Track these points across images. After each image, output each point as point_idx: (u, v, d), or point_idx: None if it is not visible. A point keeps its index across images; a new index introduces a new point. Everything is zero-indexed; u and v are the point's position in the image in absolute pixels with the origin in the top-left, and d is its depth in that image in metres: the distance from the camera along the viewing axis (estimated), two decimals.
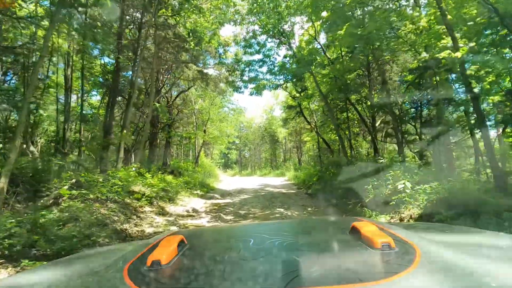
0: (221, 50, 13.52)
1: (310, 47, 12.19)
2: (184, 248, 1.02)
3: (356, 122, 15.42)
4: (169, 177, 12.28)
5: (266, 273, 0.79)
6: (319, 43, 12.22)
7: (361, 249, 0.91)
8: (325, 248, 1.05)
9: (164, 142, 22.64)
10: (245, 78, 12.84)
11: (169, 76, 15.13)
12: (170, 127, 15.32)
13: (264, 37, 12.53)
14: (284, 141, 31.89)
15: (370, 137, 16.57)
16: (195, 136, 18.81)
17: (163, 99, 15.16)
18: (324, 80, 11.58)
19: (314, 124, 14.25)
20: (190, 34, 11.15)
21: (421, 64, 8.78)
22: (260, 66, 12.36)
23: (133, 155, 11.64)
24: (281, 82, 11.39)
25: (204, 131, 19.02)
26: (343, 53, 12.01)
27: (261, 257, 0.93)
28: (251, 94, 12.79)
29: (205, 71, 15.18)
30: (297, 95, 14.68)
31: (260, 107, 36.01)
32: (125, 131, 9.24)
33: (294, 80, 11.15)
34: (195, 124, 19.23)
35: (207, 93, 17.51)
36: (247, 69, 12.62)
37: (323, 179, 10.96)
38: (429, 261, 0.80)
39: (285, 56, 11.64)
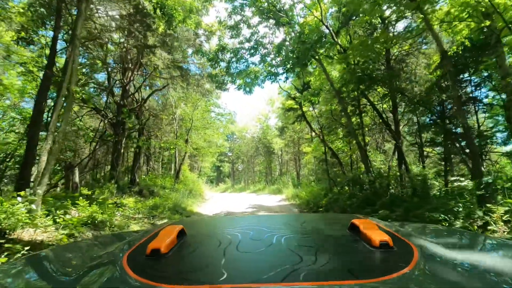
0: (202, 38, 10.68)
1: (315, 35, 9.47)
2: (183, 238, 1.03)
3: (366, 129, 12.63)
4: (131, 200, 9.21)
5: (263, 266, 0.79)
6: (327, 27, 9.50)
7: (360, 246, 0.90)
8: (324, 244, 1.02)
9: (143, 155, 19.57)
10: (232, 71, 9.99)
11: (139, 72, 12.27)
12: (140, 135, 12.28)
13: (256, 19, 9.78)
14: (280, 152, 28.92)
15: (384, 147, 13.81)
16: (175, 146, 15.77)
17: (132, 100, 12.20)
18: (337, 69, 8.78)
19: (319, 130, 11.37)
20: (157, 9, 8.32)
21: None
22: (252, 55, 9.56)
23: (77, 172, 8.56)
24: (280, 71, 8.55)
25: (186, 141, 15.99)
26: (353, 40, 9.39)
27: (259, 250, 0.92)
28: (238, 88, 9.94)
29: (184, 66, 12.37)
30: (298, 95, 11.85)
31: (254, 114, 33.16)
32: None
33: (297, 69, 8.35)
34: (176, 132, 16.22)
35: (189, 94, 14.61)
36: (234, 59, 9.79)
37: (337, 202, 8.00)
38: (427, 261, 0.79)
39: (284, 40, 8.78)
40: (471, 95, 7.99)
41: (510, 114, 5.91)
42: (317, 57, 8.30)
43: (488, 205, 3.54)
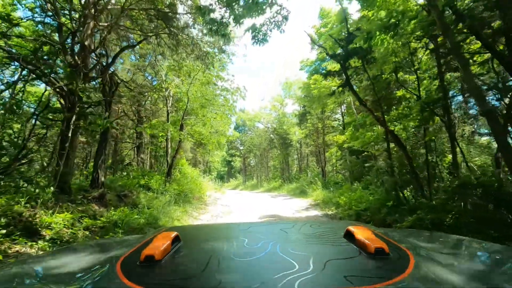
0: None
1: None
2: (178, 245, 1.01)
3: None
4: (63, 217, 5.34)
5: (259, 273, 0.78)
6: None
7: (355, 253, 0.89)
8: (319, 251, 0.98)
9: (135, 145, 15.91)
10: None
11: (107, 23, 8.35)
12: (108, 112, 8.39)
13: None
14: (298, 145, 24.71)
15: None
16: (167, 132, 11.89)
17: (104, 68, 8.30)
18: None
19: (377, 103, 7.13)
20: None
21: None
22: None
23: None
24: None
25: (181, 127, 12.07)
26: None
27: (254, 257, 0.90)
28: (247, 29, 5.90)
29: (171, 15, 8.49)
30: (338, 51, 7.66)
31: (267, 99, 28.91)
32: None
33: None
34: (167, 114, 12.33)
35: (181, 63, 10.61)
36: None
37: (441, 225, 3.88)
38: (422, 268, 0.78)
39: None
40: None
41: None
42: None
43: None
